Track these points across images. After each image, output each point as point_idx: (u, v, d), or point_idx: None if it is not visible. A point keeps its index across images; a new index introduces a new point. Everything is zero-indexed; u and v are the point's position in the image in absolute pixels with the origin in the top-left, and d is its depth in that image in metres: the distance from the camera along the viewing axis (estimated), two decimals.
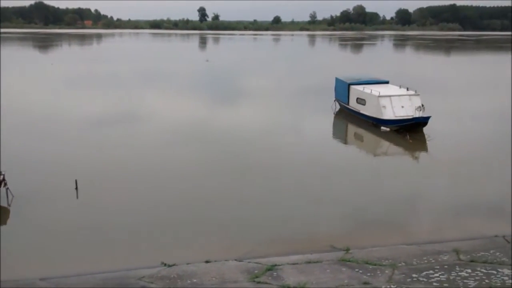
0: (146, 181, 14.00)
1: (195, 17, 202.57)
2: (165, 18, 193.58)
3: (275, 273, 7.79)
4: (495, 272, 7.26)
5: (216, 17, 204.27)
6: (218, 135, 19.55)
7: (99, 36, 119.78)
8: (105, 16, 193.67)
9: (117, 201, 12.36)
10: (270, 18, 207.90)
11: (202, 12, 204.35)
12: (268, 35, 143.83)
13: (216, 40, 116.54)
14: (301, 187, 13.65)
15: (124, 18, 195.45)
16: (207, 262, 8.66)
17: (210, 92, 31.73)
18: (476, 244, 9.43)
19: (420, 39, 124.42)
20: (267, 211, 11.97)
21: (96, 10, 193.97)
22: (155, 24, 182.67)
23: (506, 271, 7.28)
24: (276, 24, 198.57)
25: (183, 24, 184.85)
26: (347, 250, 9.21)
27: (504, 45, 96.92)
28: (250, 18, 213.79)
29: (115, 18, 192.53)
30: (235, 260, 8.83)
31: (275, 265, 8.19)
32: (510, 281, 6.72)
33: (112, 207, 12.05)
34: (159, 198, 12.75)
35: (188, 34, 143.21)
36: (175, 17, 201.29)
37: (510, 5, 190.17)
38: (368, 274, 7.59)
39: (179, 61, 54.72)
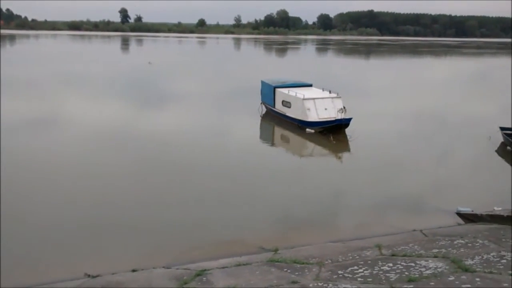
0: (64, 186, 13.35)
1: (116, 18, 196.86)
2: (84, 19, 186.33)
3: (204, 278, 7.70)
4: (413, 264, 7.65)
5: (138, 18, 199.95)
6: (143, 138, 19.07)
7: (12, 37, 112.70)
8: (19, 16, 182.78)
9: (34, 210, 11.65)
10: (194, 21, 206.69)
11: (124, 13, 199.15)
12: (193, 38, 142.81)
13: (140, 42, 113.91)
14: (229, 190, 13.64)
15: (40, 18, 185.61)
16: (133, 271, 8.38)
17: (134, 95, 30.93)
18: (397, 239, 9.91)
19: (341, 43, 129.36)
20: (194, 215, 11.81)
21: (8, 10, 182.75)
22: (74, 25, 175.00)
23: (424, 262, 7.70)
24: (201, 26, 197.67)
25: (104, 26, 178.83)
26: (276, 250, 9.31)
27: (420, 50, 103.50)
28: (174, 20, 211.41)
29: (29, 19, 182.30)
30: (163, 267, 8.62)
31: (205, 270, 8.09)
32: (427, 272, 7.11)
33: (29, 216, 11.32)
34: (78, 204, 12.14)
35: (109, 36, 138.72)
36: (95, 18, 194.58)
37: (421, 12, 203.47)
38: (296, 273, 7.71)
39: (110, 64, 52.87)
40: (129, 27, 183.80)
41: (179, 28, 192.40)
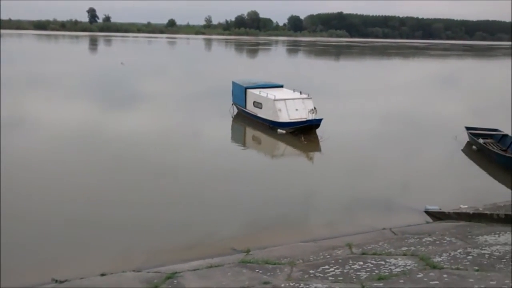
0: (29, 188, 13.02)
1: (84, 18, 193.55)
2: (51, 19, 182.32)
3: (175, 281, 7.60)
4: (383, 262, 7.74)
5: (107, 18, 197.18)
6: (115, 139, 18.77)
7: None
8: None
9: None
10: (164, 21, 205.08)
11: (92, 13, 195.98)
12: (163, 38, 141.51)
13: (109, 42, 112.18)
14: (201, 191, 13.55)
15: (4, 17, 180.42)
16: (102, 275, 8.20)
17: (109, 96, 30.42)
18: (367, 237, 10.03)
19: (312, 44, 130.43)
20: (165, 217, 11.66)
21: None
22: (40, 25, 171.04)
23: (393, 260, 7.81)
24: (171, 27, 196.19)
25: (72, 25, 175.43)
26: (248, 251, 9.29)
27: (390, 51, 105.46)
28: (143, 20, 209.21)
29: None
30: (133, 271, 8.48)
31: (176, 272, 8.00)
32: (396, 270, 7.20)
33: None
34: (43, 206, 11.82)
35: (77, 36, 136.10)
36: (62, 17, 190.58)
37: (389, 14, 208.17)
38: (268, 273, 7.70)
39: (82, 64, 51.77)
40: (97, 27, 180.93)
41: (149, 28, 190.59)
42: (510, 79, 42.23)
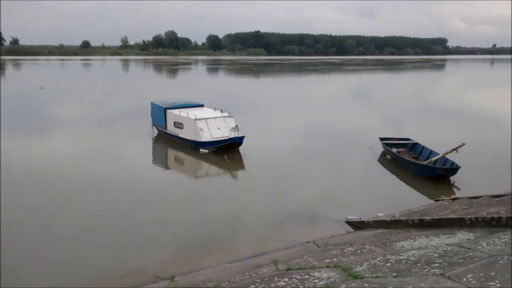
0: None
1: None
2: None
3: None
4: (307, 276, 7.80)
5: (15, 41, 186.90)
6: (27, 169, 17.60)
7: None
8: None
9: None
10: (78, 43, 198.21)
11: None
12: (77, 60, 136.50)
13: (19, 65, 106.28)
14: (121, 216, 13.02)
15: None
16: None
17: (14, 122, 28.57)
18: (292, 252, 10.08)
19: (233, 63, 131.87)
20: (82, 246, 11.02)
21: None
22: None
23: (317, 274, 7.89)
24: (86, 48, 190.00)
25: None
26: (172, 278, 8.98)
27: (308, 68, 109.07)
28: (55, 42, 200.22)
29: None
30: None
31: None
32: (320, 283, 7.29)
33: None
34: None
35: None
36: None
37: (304, 32, 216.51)
38: None
39: None
40: (4, 50, 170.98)
41: (62, 51, 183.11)
42: (418, 91, 45.17)
